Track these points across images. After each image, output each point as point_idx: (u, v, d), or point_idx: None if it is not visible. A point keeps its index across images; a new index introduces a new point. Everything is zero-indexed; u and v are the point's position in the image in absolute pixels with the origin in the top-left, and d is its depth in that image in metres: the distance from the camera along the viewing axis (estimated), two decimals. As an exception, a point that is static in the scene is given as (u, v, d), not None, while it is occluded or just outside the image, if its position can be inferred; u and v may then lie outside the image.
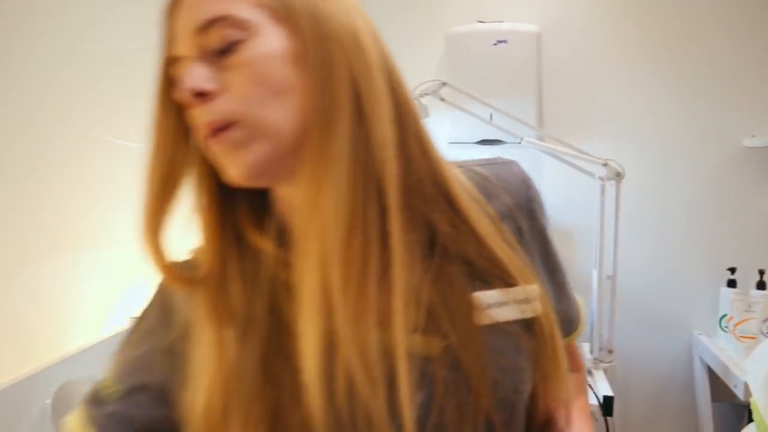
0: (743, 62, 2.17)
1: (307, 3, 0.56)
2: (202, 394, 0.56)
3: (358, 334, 0.54)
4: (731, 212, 2.21)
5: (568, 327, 0.74)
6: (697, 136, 2.21)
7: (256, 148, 0.55)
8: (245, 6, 0.54)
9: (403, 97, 0.60)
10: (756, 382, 1.43)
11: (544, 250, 0.69)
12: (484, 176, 0.66)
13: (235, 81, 0.54)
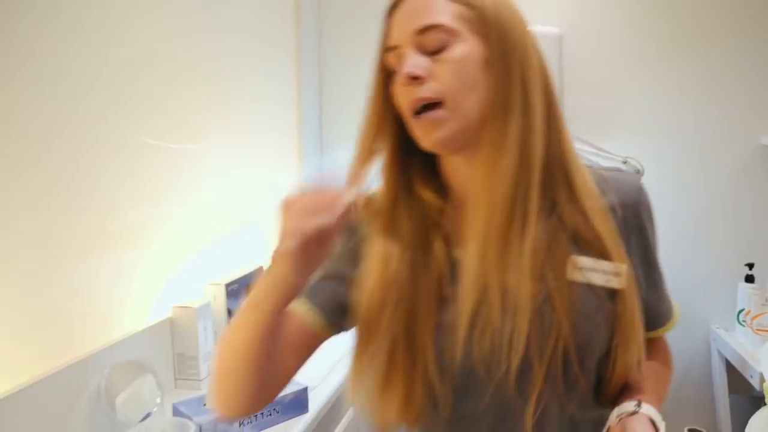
0: (759, 61, 2.22)
1: (497, 22, 0.74)
2: (367, 290, 0.78)
3: (501, 272, 0.73)
4: (749, 209, 2.25)
5: (655, 321, 0.88)
6: (715, 134, 2.26)
7: (448, 127, 0.73)
8: (454, 18, 0.73)
9: (553, 97, 0.78)
10: (770, 369, 1.49)
11: (644, 248, 0.84)
12: (604, 177, 0.82)
13: (442, 72, 0.72)
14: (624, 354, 0.78)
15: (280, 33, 2.25)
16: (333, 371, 1.62)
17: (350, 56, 2.53)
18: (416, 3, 0.75)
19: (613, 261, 0.76)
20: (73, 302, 1.25)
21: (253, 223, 2.01)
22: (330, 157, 2.59)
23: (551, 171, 0.77)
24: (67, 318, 1.24)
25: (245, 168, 1.97)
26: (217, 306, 1.64)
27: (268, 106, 2.17)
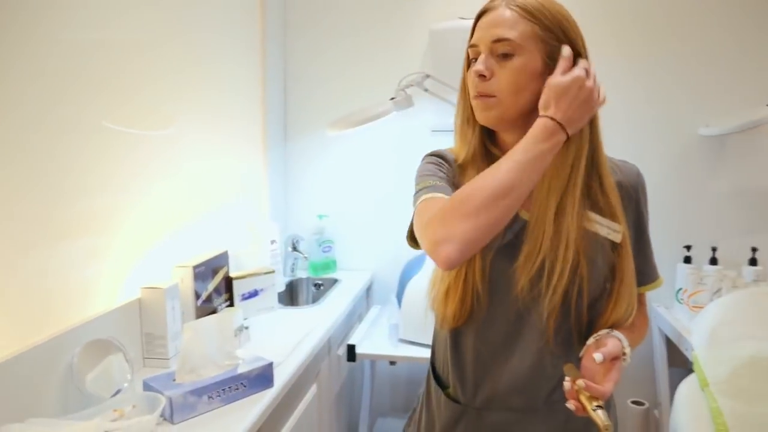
0: (700, 56, 2.37)
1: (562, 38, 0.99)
2: None
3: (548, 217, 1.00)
4: (688, 195, 2.41)
5: (639, 278, 1.08)
6: (659, 126, 2.41)
7: (495, 112, 1.01)
8: (523, 35, 0.97)
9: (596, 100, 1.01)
10: (699, 338, 1.63)
11: (637, 219, 1.09)
12: (615, 163, 1.10)
13: (502, 76, 0.98)
14: (618, 299, 1.02)
15: (246, 25, 2.30)
16: (297, 348, 1.70)
17: (314, 48, 2.60)
18: (498, 17, 0.99)
19: (615, 221, 1.02)
20: (45, 283, 1.29)
21: (219, 209, 2.07)
22: (293, 146, 2.66)
23: (590, 154, 1.02)
24: (40, 298, 1.28)
25: (212, 155, 2.03)
26: (184, 287, 1.70)
27: (235, 96, 2.22)
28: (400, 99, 2.17)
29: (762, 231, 2.38)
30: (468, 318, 1.06)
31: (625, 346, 0.96)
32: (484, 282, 1.03)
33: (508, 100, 0.99)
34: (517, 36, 0.97)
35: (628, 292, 1.03)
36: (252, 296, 2.00)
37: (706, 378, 1.50)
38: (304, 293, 2.56)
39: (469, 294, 1.03)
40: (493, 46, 0.98)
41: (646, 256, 1.13)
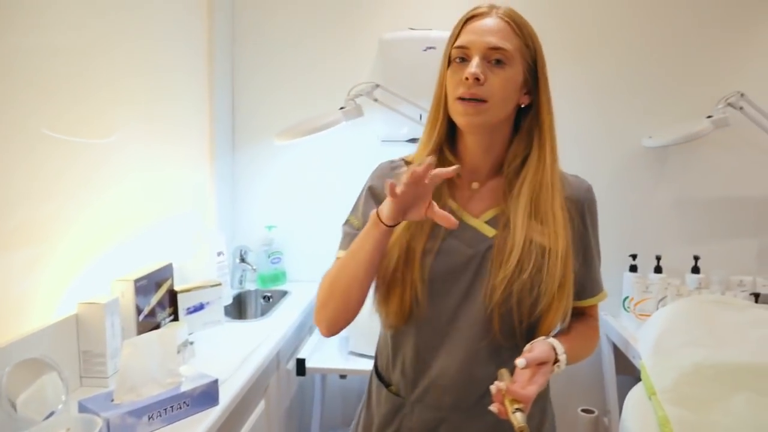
0: (644, 71, 2.43)
1: (539, 63, 1.06)
2: None
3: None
4: (632, 205, 2.46)
5: (582, 292, 1.13)
6: (604, 136, 2.46)
7: (482, 118, 1.02)
8: (515, 49, 1.02)
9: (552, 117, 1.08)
10: (646, 347, 1.65)
11: (582, 232, 1.10)
12: (567, 178, 1.13)
13: (494, 82, 1.01)
14: (552, 308, 1.02)
15: (193, 32, 2.24)
16: (244, 364, 1.65)
17: (262, 56, 2.55)
18: (493, 25, 1.02)
19: (558, 233, 1.03)
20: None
21: (164, 220, 2.00)
22: (242, 155, 2.60)
23: (545, 168, 1.06)
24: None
25: (157, 165, 1.96)
26: (125, 302, 1.62)
27: (181, 104, 2.16)
28: (350, 109, 2.15)
29: (703, 240, 2.45)
30: (408, 318, 1.07)
31: (560, 353, 0.97)
32: (423, 284, 1.05)
33: (497, 106, 1.02)
34: (511, 48, 1.01)
35: (564, 302, 1.04)
36: (197, 310, 1.94)
37: (653, 386, 1.52)
38: (252, 306, 2.50)
39: (408, 296, 1.05)
40: (487, 53, 1.00)
41: (590, 270, 1.14)
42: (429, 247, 1.05)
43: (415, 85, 2.26)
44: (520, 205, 1.04)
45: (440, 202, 1.04)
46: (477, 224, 1.07)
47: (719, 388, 1.46)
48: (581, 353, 1.11)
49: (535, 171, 1.06)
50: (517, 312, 1.02)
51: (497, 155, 1.10)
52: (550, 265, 1.01)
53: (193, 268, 2.08)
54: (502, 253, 1.02)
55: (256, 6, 2.54)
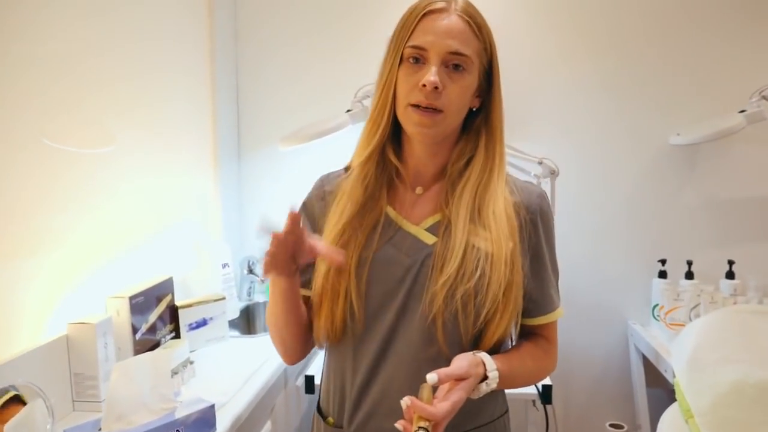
0: (670, 66, 2.29)
1: (492, 64, 0.99)
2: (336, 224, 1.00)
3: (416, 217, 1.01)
4: (660, 207, 2.32)
5: (533, 308, 1.04)
6: (628, 135, 2.32)
7: (436, 129, 0.95)
8: (474, 53, 0.95)
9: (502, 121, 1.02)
10: (679, 363, 1.52)
11: (536, 245, 1.02)
12: (515, 183, 1.04)
13: (452, 91, 0.93)
14: (494, 320, 0.94)
15: (193, 35, 2.16)
16: (247, 384, 1.55)
17: (266, 58, 2.46)
18: (453, 25, 0.93)
19: (501, 240, 0.94)
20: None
21: (165, 231, 1.91)
22: (248, 161, 2.51)
23: (491, 171, 1.00)
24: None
25: (157, 173, 1.87)
26: (119, 321, 1.54)
27: (183, 110, 2.07)
28: (357, 111, 2.04)
29: (738, 243, 2.30)
30: (342, 335, 1.01)
31: (489, 369, 0.90)
32: (359, 297, 0.97)
33: (452, 117, 0.96)
34: (471, 53, 0.94)
35: (510, 309, 0.95)
36: (200, 326, 1.85)
37: (689, 408, 1.39)
38: (261, 319, 2.41)
39: (341, 309, 0.98)
40: (447, 58, 0.93)
41: (542, 284, 1.04)
42: (364, 257, 0.98)
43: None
44: (462, 207, 0.97)
45: (377, 208, 1.01)
46: (416, 231, 1.00)
47: (762, 410, 1.33)
48: (524, 376, 1.02)
49: (480, 172, 0.99)
50: (462, 319, 0.94)
51: (443, 159, 1.03)
52: (494, 271, 0.93)
53: (196, 281, 1.99)
54: (442, 258, 0.95)
55: (258, 5, 2.45)
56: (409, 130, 0.97)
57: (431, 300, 0.94)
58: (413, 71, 0.94)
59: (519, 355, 1.01)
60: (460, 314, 0.94)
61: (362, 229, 0.99)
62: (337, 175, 1.11)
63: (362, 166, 1.01)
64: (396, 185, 1.04)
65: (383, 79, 0.98)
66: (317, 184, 1.13)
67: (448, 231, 0.97)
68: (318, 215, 1.07)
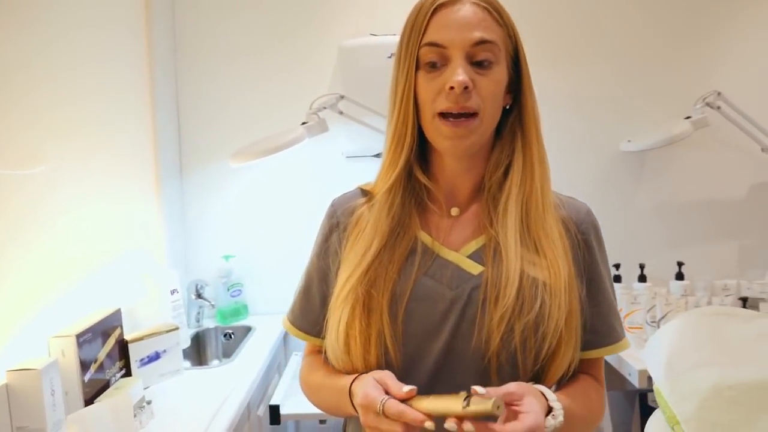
0: (622, 75, 2.35)
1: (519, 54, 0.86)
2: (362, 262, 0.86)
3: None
4: (613, 212, 2.36)
5: (593, 339, 0.89)
6: (582, 143, 2.36)
7: (473, 138, 0.83)
8: (501, 43, 0.82)
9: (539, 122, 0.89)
10: (657, 371, 1.52)
11: (590, 265, 0.89)
12: (560, 198, 0.92)
13: (485, 88, 0.81)
14: (562, 345, 0.81)
15: (130, 47, 2.00)
16: (213, 422, 1.43)
17: (209, 70, 2.33)
18: (472, 14, 0.81)
19: (557, 264, 0.83)
20: None
21: (107, 261, 1.75)
22: (190, 180, 2.37)
23: (532, 178, 0.87)
24: None
25: (96, 200, 1.71)
26: (66, 362, 1.38)
27: (121, 131, 1.90)
28: (313, 123, 1.95)
29: (686, 245, 2.38)
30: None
31: (551, 399, 0.76)
32: (395, 339, 0.83)
33: (489, 119, 0.83)
34: (498, 39, 0.82)
35: (573, 339, 0.83)
36: (153, 360, 1.70)
37: (674, 415, 1.39)
38: (212, 346, 2.27)
39: (374, 354, 0.83)
40: (472, 51, 0.80)
41: (602, 311, 0.90)
42: (398, 294, 0.83)
43: (380, 95, 2.07)
44: (509, 226, 0.84)
45: (409, 235, 0.87)
46: (457, 259, 0.86)
47: (743, 412, 1.34)
48: (582, 417, 0.84)
49: (522, 182, 0.86)
50: (522, 357, 0.80)
51: (480, 172, 0.90)
52: (554, 299, 0.81)
53: (144, 312, 1.84)
54: (495, 288, 0.81)
55: (199, 17, 2.32)
56: (440, 144, 0.84)
57: (487, 339, 0.80)
58: (434, 76, 0.81)
59: (574, 393, 0.85)
60: (519, 352, 0.80)
61: (393, 262, 0.85)
62: (351, 197, 0.97)
63: (387, 193, 0.87)
64: (428, 208, 0.90)
65: (399, 92, 0.84)
66: (329, 213, 0.97)
67: (498, 256, 0.84)
68: (338, 248, 0.93)
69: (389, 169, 0.87)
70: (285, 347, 2.39)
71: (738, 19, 2.35)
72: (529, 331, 0.80)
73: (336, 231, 0.94)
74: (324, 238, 0.96)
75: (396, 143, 0.86)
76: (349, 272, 0.86)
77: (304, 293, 0.98)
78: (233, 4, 2.31)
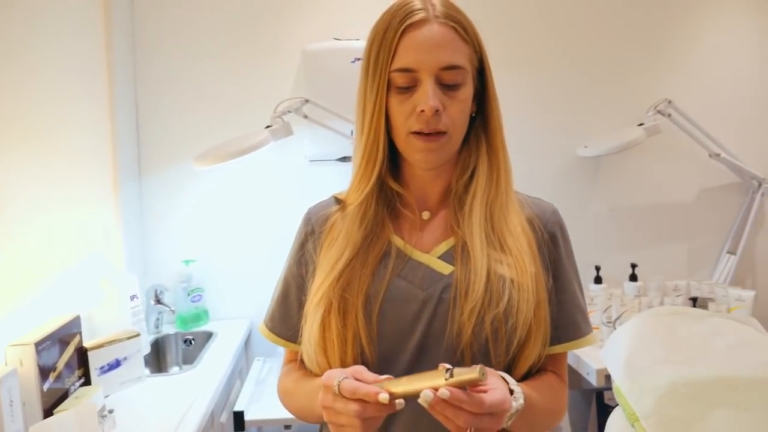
0: (580, 83, 2.42)
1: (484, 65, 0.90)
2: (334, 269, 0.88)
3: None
4: (570, 215, 2.37)
5: (557, 333, 0.91)
6: (540, 148, 2.42)
7: (446, 151, 0.88)
8: (467, 60, 0.86)
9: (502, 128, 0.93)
10: (616, 370, 1.57)
11: (555, 262, 0.92)
12: (524, 198, 0.97)
13: (453, 109, 0.85)
14: (532, 335, 0.84)
15: (87, 47, 1.95)
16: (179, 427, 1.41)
17: (169, 72, 2.29)
18: (439, 37, 0.84)
19: (522, 261, 0.86)
20: None
21: (64, 268, 1.70)
22: (149, 184, 2.32)
23: (497, 181, 0.92)
24: None
25: (52, 207, 1.65)
26: (25, 371, 1.34)
27: (77, 133, 1.84)
28: (278, 127, 1.94)
29: (639, 247, 2.46)
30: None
31: (512, 384, 0.78)
32: (370, 340, 0.85)
33: (457, 135, 0.88)
34: (464, 61, 0.85)
35: (543, 329, 0.86)
36: (113, 368, 1.66)
37: (634, 412, 1.44)
38: (173, 352, 2.22)
39: (351, 355, 0.85)
40: (441, 75, 0.83)
41: (566, 306, 0.92)
42: (372, 296, 0.86)
43: (344, 99, 2.09)
44: (474, 226, 0.88)
45: (382, 239, 0.90)
46: (428, 260, 0.89)
47: (698, 407, 1.40)
48: (543, 409, 0.86)
49: (486, 184, 0.90)
50: (494, 348, 0.83)
51: (449, 177, 0.94)
52: (521, 293, 0.84)
53: (103, 318, 1.79)
54: (465, 285, 0.84)
55: (160, 17, 2.27)
56: (414, 158, 0.88)
57: (458, 332, 0.83)
58: (405, 97, 0.85)
59: (536, 384, 0.87)
60: (491, 343, 0.83)
61: (367, 266, 0.88)
62: (325, 206, 1.00)
63: (360, 204, 0.91)
64: (401, 213, 0.94)
65: (369, 111, 0.87)
66: (305, 220, 1.00)
67: (467, 255, 0.87)
68: (313, 254, 0.95)
69: (361, 183, 0.90)
70: (247, 353, 2.36)
71: (688, 31, 2.46)
72: (499, 322, 0.83)
73: (311, 238, 0.96)
74: (299, 245, 0.98)
75: (367, 160, 0.89)
76: (322, 278, 0.88)
77: (281, 300, 0.98)
78: (195, 5, 2.28)
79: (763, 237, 2.56)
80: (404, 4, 0.85)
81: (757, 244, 2.55)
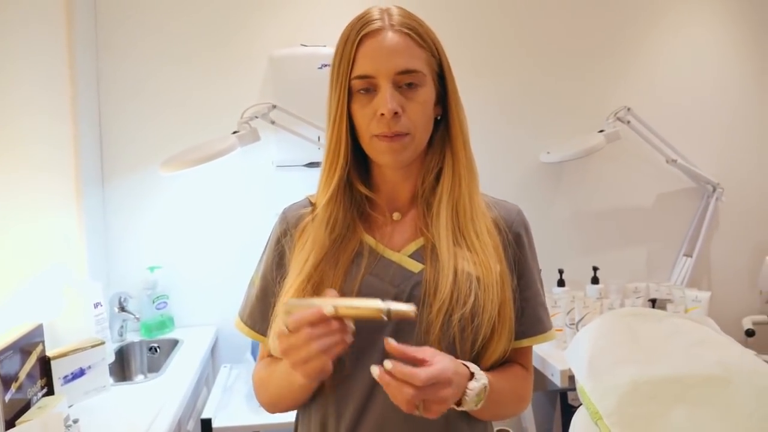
0: (542, 89, 2.47)
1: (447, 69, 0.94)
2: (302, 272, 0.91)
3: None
4: (532, 219, 2.43)
5: (521, 329, 0.96)
6: (504, 153, 2.46)
7: (410, 151, 0.91)
8: (424, 64, 0.90)
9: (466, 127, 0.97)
10: (580, 370, 1.61)
11: (519, 261, 0.98)
12: (491, 200, 1.01)
13: (412, 111, 0.89)
14: (496, 332, 0.90)
15: (51, 57, 1.91)
16: None
17: (134, 77, 2.26)
18: (395, 43, 0.88)
19: (489, 260, 0.91)
20: None
21: (25, 276, 1.66)
22: (113, 190, 2.28)
23: (461, 183, 0.95)
24: None
25: (10, 212, 1.62)
26: (-15, 383, 1.31)
27: (38, 139, 1.80)
28: (245, 133, 1.94)
29: (600, 250, 2.53)
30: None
31: (473, 368, 0.84)
32: None
33: (420, 136, 0.92)
34: (421, 65, 0.90)
35: (507, 326, 0.91)
36: (77, 377, 1.63)
37: (597, 411, 1.47)
38: (137, 360, 2.18)
39: None
40: (398, 79, 0.88)
41: (530, 303, 0.98)
42: (347, 291, 0.90)
43: (311, 105, 2.12)
44: (441, 228, 0.93)
45: (354, 239, 0.94)
46: (399, 259, 0.93)
47: (658, 405, 1.45)
48: (507, 396, 0.94)
49: (451, 186, 0.95)
50: (460, 345, 0.88)
51: (416, 178, 0.98)
52: (486, 292, 0.89)
53: (66, 326, 1.76)
54: (434, 284, 0.89)
55: (124, 22, 2.24)
56: (380, 159, 0.92)
57: (426, 329, 0.87)
58: (366, 101, 0.89)
59: (501, 373, 0.93)
60: (458, 340, 0.88)
61: (339, 266, 0.91)
62: (300, 206, 1.02)
63: (326, 207, 0.94)
64: (371, 215, 0.97)
65: (333, 115, 0.91)
66: (280, 219, 1.02)
67: (435, 255, 0.91)
68: (287, 253, 0.98)
69: (326, 184, 0.94)
70: (213, 360, 2.34)
71: (651, 41, 2.54)
72: (466, 321, 0.88)
73: (285, 237, 0.99)
74: (275, 243, 1.01)
75: (331, 161, 0.93)
76: (292, 279, 0.92)
77: (261, 297, 1.00)
78: (160, 10, 2.26)
79: (717, 240, 2.66)
80: (363, 16, 0.90)
81: (711, 246, 2.65)
